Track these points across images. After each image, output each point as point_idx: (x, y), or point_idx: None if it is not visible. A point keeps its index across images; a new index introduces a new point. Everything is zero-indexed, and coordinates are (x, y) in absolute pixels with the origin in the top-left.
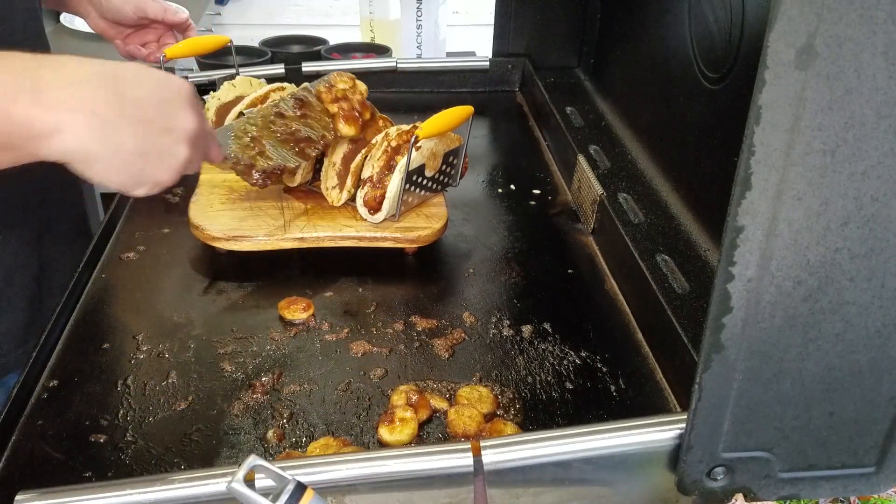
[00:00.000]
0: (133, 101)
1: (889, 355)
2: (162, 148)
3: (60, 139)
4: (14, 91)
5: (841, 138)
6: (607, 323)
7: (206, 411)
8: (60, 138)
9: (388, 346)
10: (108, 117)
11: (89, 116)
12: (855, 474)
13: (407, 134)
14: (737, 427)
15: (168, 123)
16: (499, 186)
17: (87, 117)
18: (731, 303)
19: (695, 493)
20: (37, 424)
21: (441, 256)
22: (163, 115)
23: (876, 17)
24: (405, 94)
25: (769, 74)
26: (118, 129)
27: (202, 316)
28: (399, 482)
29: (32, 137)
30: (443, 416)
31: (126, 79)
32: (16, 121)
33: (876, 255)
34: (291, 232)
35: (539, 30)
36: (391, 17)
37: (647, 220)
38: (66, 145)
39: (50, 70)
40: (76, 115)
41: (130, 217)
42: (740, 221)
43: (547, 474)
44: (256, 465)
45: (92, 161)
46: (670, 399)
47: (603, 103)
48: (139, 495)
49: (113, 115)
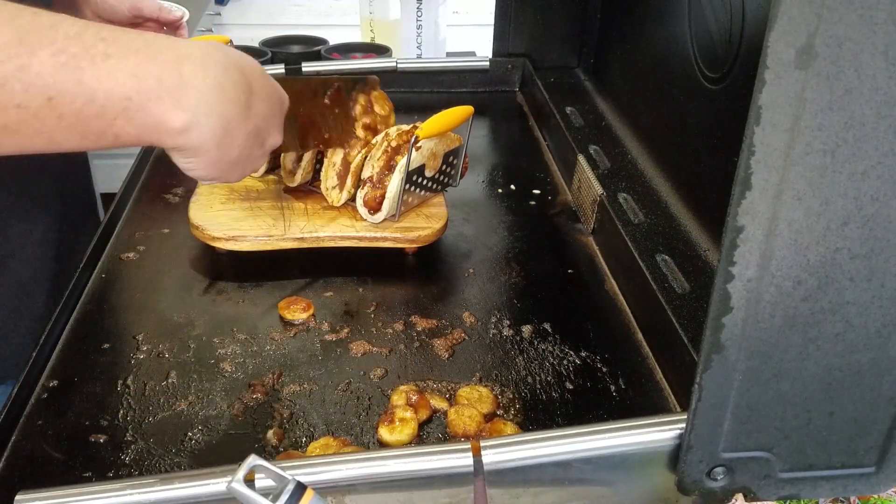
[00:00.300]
0: (255, 115)
1: (889, 355)
2: (252, 156)
3: (185, 137)
4: (157, 86)
5: (841, 138)
6: (607, 323)
7: (206, 411)
8: (185, 136)
9: (388, 346)
10: (231, 127)
11: (221, 122)
12: (855, 474)
13: (407, 134)
14: (737, 427)
15: (265, 139)
16: (499, 186)
17: (219, 122)
18: (731, 303)
19: (695, 493)
20: (37, 424)
21: (441, 256)
22: (266, 130)
23: (876, 17)
24: (405, 94)
25: (769, 74)
26: (235, 138)
27: (202, 316)
28: (399, 482)
29: (161, 131)
30: (443, 416)
31: (256, 90)
32: (151, 114)
33: (876, 255)
34: (291, 232)
35: (539, 30)
36: (391, 17)
37: (647, 220)
38: (187, 141)
39: (195, 67)
40: (211, 120)
41: (130, 217)
42: (740, 221)
43: (547, 474)
44: (256, 465)
45: (197, 157)
46: (670, 399)
47: (603, 103)
48: (139, 495)
49: (236, 125)
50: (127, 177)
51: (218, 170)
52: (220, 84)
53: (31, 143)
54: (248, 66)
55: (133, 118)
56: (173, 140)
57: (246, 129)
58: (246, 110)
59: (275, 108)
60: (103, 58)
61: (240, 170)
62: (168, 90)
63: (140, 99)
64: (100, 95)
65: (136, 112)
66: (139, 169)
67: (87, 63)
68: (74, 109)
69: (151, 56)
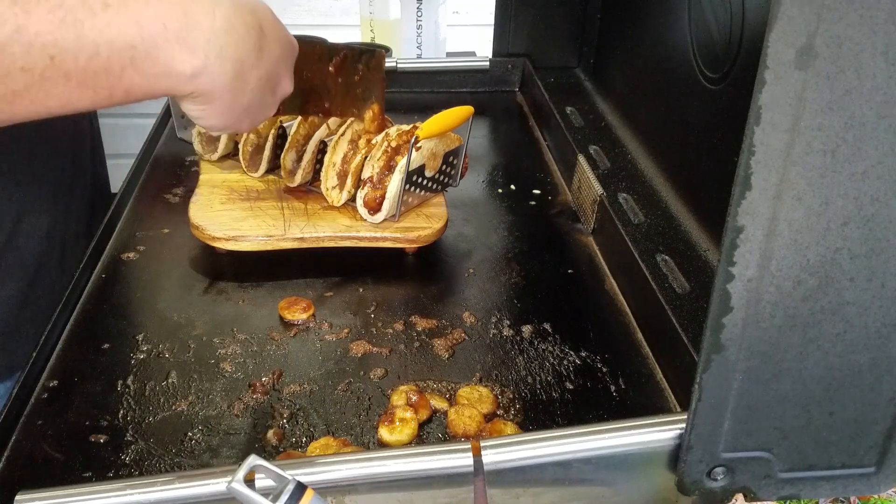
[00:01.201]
0: (267, 57)
1: (889, 355)
2: (265, 102)
3: (196, 81)
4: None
5: (841, 138)
6: (607, 323)
7: (206, 411)
8: (197, 80)
9: (388, 346)
10: (244, 69)
11: (233, 64)
12: (855, 474)
13: (407, 134)
14: (737, 427)
15: (276, 85)
16: (499, 186)
17: (231, 65)
18: (731, 303)
19: (695, 493)
20: (37, 424)
21: (441, 256)
22: (278, 75)
23: (876, 17)
24: (405, 94)
25: (769, 74)
26: (248, 81)
27: (202, 316)
28: (399, 482)
29: (171, 77)
30: (443, 416)
31: (267, 32)
32: (158, 61)
33: (876, 255)
34: (291, 232)
35: (539, 30)
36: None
37: (647, 220)
38: (199, 86)
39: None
40: (222, 62)
41: (130, 217)
42: (740, 221)
43: (547, 474)
44: (256, 465)
45: (210, 103)
46: (670, 399)
47: (603, 103)
48: (139, 495)
49: (249, 67)
50: (127, 177)
51: (231, 116)
52: (231, 24)
53: (47, 107)
54: (259, 6)
55: (140, 67)
56: (185, 86)
57: (258, 73)
58: (258, 52)
59: (287, 52)
60: (102, 7)
61: (251, 117)
62: (175, 34)
63: (145, 46)
64: (103, 48)
65: (143, 60)
66: (139, 169)
67: (86, 15)
68: (80, 66)
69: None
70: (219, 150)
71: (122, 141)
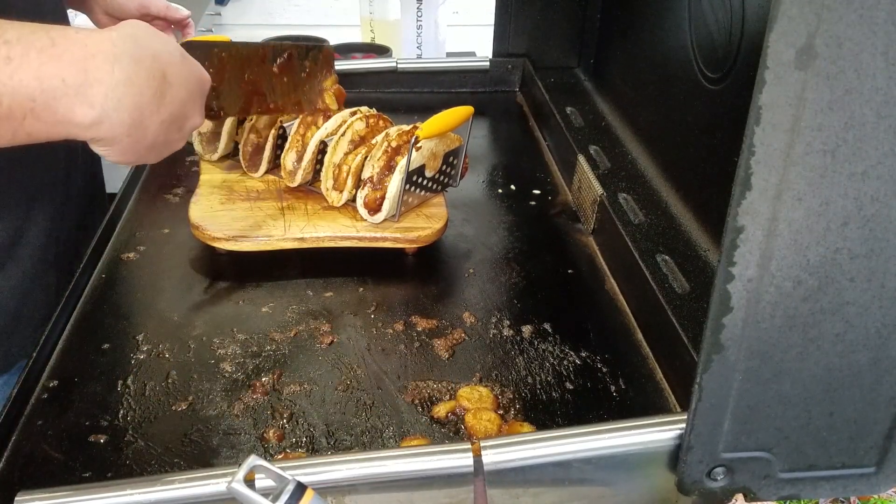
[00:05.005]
0: (170, 102)
1: (889, 355)
2: (170, 139)
3: (95, 130)
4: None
5: (841, 138)
6: (607, 323)
7: (206, 411)
8: (96, 129)
9: (389, 346)
10: (143, 116)
11: (131, 113)
12: (855, 474)
13: (407, 134)
14: (737, 427)
15: (184, 122)
16: (499, 186)
17: (129, 114)
18: (731, 303)
19: (695, 493)
20: (37, 424)
21: (441, 256)
22: (184, 114)
23: (876, 17)
24: (405, 94)
25: (769, 74)
26: (148, 126)
27: (202, 316)
28: (399, 482)
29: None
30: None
31: (171, 77)
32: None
33: (876, 255)
34: (291, 232)
35: (539, 30)
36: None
37: (647, 220)
38: (98, 134)
39: (101, 63)
40: (119, 113)
41: (130, 217)
42: (740, 221)
43: (547, 474)
44: (256, 465)
45: (111, 146)
46: (670, 399)
47: (603, 103)
48: (139, 495)
49: (149, 114)
50: (127, 177)
51: (134, 155)
52: (129, 77)
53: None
54: (165, 53)
55: (40, 116)
56: (84, 133)
57: (160, 117)
58: (159, 99)
59: (192, 92)
60: (5, 62)
61: (157, 153)
62: (74, 88)
63: (45, 98)
64: (5, 98)
65: (43, 111)
66: (139, 169)
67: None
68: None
69: (56, 55)
70: (219, 150)
71: None
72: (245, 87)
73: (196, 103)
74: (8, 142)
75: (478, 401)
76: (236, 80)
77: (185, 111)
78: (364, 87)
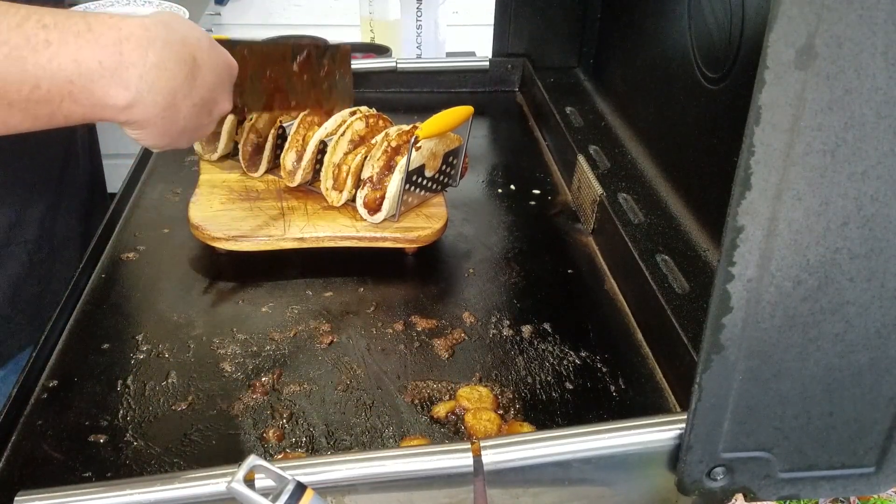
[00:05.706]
0: (200, 86)
1: (889, 355)
2: (201, 124)
3: (130, 112)
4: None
5: (841, 138)
6: (607, 323)
7: (206, 411)
8: (130, 111)
9: (388, 345)
10: (176, 99)
11: (164, 96)
12: (855, 474)
13: (407, 134)
14: (737, 427)
15: (213, 106)
16: (499, 186)
17: (162, 97)
18: (731, 303)
19: (695, 493)
20: (37, 424)
21: (441, 256)
22: (214, 98)
23: (876, 17)
24: (405, 94)
25: (769, 74)
26: (180, 109)
27: (202, 316)
28: (399, 482)
29: (106, 108)
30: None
31: (200, 62)
32: (94, 94)
33: (876, 255)
34: (291, 232)
35: (539, 30)
36: (391, 17)
37: (647, 220)
38: (132, 116)
39: (135, 46)
40: (153, 95)
41: (130, 217)
42: (740, 221)
43: (547, 474)
44: (256, 465)
45: (145, 128)
46: (670, 399)
47: (603, 103)
48: (139, 495)
49: (181, 97)
50: (127, 177)
51: (166, 138)
52: (162, 60)
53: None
54: (193, 38)
55: (78, 99)
56: (119, 116)
57: (191, 101)
58: (190, 82)
59: (222, 77)
60: (45, 45)
61: (188, 137)
62: (110, 71)
63: (82, 81)
64: (44, 81)
65: (80, 93)
66: (139, 169)
67: (30, 52)
68: (22, 96)
69: (92, 39)
70: (219, 150)
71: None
72: (267, 85)
73: (225, 88)
74: (45, 124)
75: (477, 401)
76: (259, 77)
77: (214, 95)
78: (364, 87)
